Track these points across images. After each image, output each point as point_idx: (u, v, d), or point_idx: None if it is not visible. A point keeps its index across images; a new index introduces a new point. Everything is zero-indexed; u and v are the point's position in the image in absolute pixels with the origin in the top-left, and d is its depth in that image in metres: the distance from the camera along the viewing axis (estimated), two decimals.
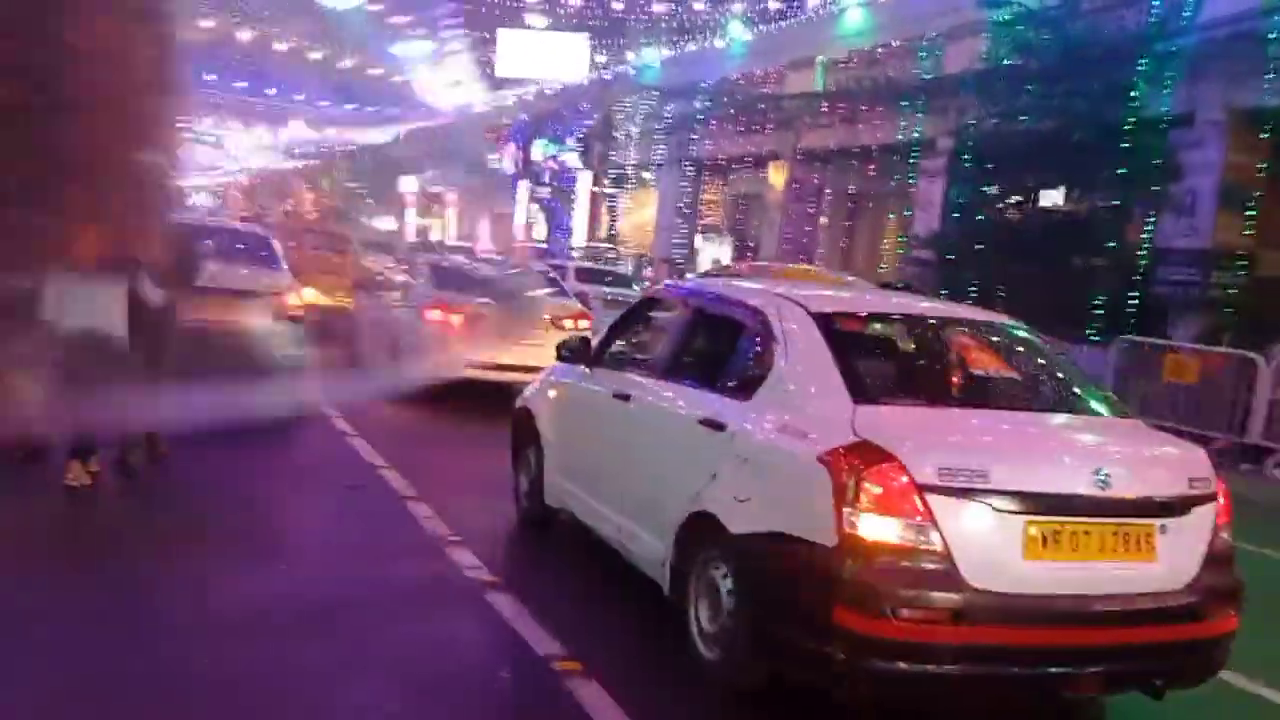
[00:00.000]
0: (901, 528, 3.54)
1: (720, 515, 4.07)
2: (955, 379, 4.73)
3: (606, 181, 36.06)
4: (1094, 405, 4.48)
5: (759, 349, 4.47)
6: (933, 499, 3.53)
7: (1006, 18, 18.97)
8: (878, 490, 3.55)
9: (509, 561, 5.72)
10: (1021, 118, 18.27)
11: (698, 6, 33.36)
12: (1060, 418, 4.44)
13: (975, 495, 3.55)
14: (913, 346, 4.94)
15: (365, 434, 8.34)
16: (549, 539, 6.09)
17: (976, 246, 18.72)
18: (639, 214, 38.24)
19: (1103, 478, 3.71)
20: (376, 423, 8.88)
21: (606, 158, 35.89)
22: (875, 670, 3.50)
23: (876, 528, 3.54)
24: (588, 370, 5.72)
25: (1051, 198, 18.36)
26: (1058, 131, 17.48)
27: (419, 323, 10.67)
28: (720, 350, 4.83)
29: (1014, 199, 18.74)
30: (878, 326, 5.00)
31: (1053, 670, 3.65)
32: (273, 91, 49.20)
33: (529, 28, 40.61)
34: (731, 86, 29.49)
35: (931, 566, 3.52)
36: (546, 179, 41.95)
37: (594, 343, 5.96)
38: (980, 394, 4.67)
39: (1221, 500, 4.00)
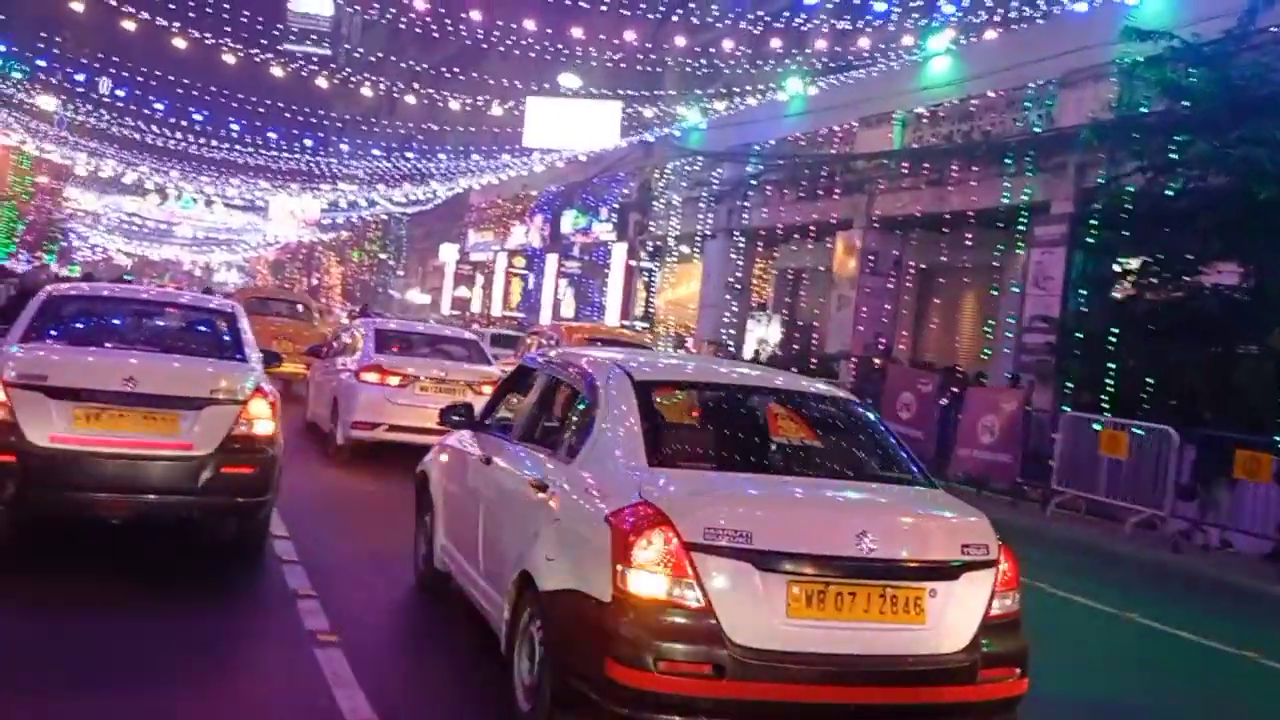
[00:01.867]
0: (668, 585, 3.80)
1: (534, 573, 4.33)
2: (754, 445, 4.97)
3: (644, 254, 32.83)
4: (897, 474, 4.77)
5: (586, 413, 4.80)
6: (699, 558, 3.79)
7: (1145, 58, 15.77)
8: (647, 549, 3.80)
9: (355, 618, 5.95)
10: (1179, 173, 14.95)
11: (735, 51, 30.34)
12: (848, 484, 4.68)
13: (739, 555, 3.79)
14: (722, 413, 5.21)
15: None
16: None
17: (1113, 330, 15.32)
18: (679, 290, 34.94)
19: (869, 541, 3.92)
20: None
21: (644, 229, 32.69)
22: None
23: (646, 584, 3.80)
24: (472, 435, 6.09)
25: (1220, 269, 14.95)
26: (1230, 190, 14.14)
27: (356, 384, 11.64)
28: (561, 414, 5.39)
29: (1168, 272, 15.35)
30: (691, 394, 5.55)
31: None
32: (308, 144, 46.55)
33: (562, 89, 37.74)
34: (790, 147, 26.28)
35: (695, 623, 3.75)
36: (576, 252, 38.88)
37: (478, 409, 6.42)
38: (773, 460, 4.96)
39: (1005, 567, 4.19)
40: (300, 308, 21.08)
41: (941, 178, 21.14)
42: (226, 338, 7.61)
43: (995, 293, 21.34)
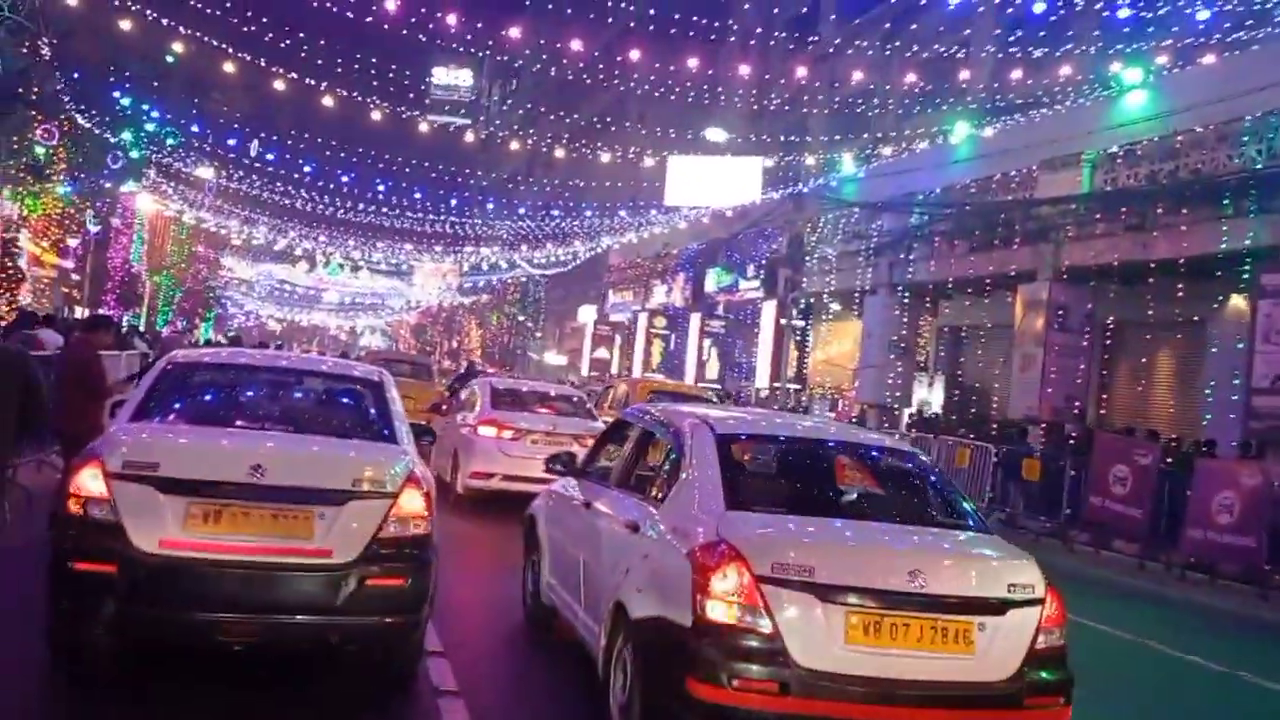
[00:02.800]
0: (741, 613, 4.30)
1: (626, 603, 4.86)
2: (820, 491, 5.56)
3: (795, 312, 31.16)
4: (953, 519, 5.23)
5: (674, 463, 5.44)
6: (769, 589, 4.28)
7: None
8: (724, 581, 4.32)
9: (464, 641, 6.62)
10: None
11: (894, 94, 28.62)
12: (905, 527, 5.08)
13: (803, 588, 4.27)
14: (793, 463, 5.86)
15: None
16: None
17: None
18: (833, 348, 33.10)
19: (922, 579, 4.38)
20: None
21: (796, 285, 31.06)
22: None
23: (722, 612, 4.31)
24: (574, 481, 6.68)
25: None
26: None
27: (474, 437, 12.44)
28: (652, 463, 6.15)
29: None
30: (766, 446, 6.11)
31: None
32: (453, 203, 46.44)
33: (705, 141, 36.62)
34: (960, 195, 24.38)
35: (764, 646, 4.24)
36: (721, 311, 37.47)
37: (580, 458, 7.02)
38: (838, 505, 5.43)
39: (1052, 606, 4.60)
40: (421, 368, 22.08)
41: (1143, 223, 18.98)
42: (373, 412, 6.28)
43: (1215, 350, 18.87)
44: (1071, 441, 19.71)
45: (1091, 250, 20.12)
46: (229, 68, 22.58)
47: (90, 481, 5.05)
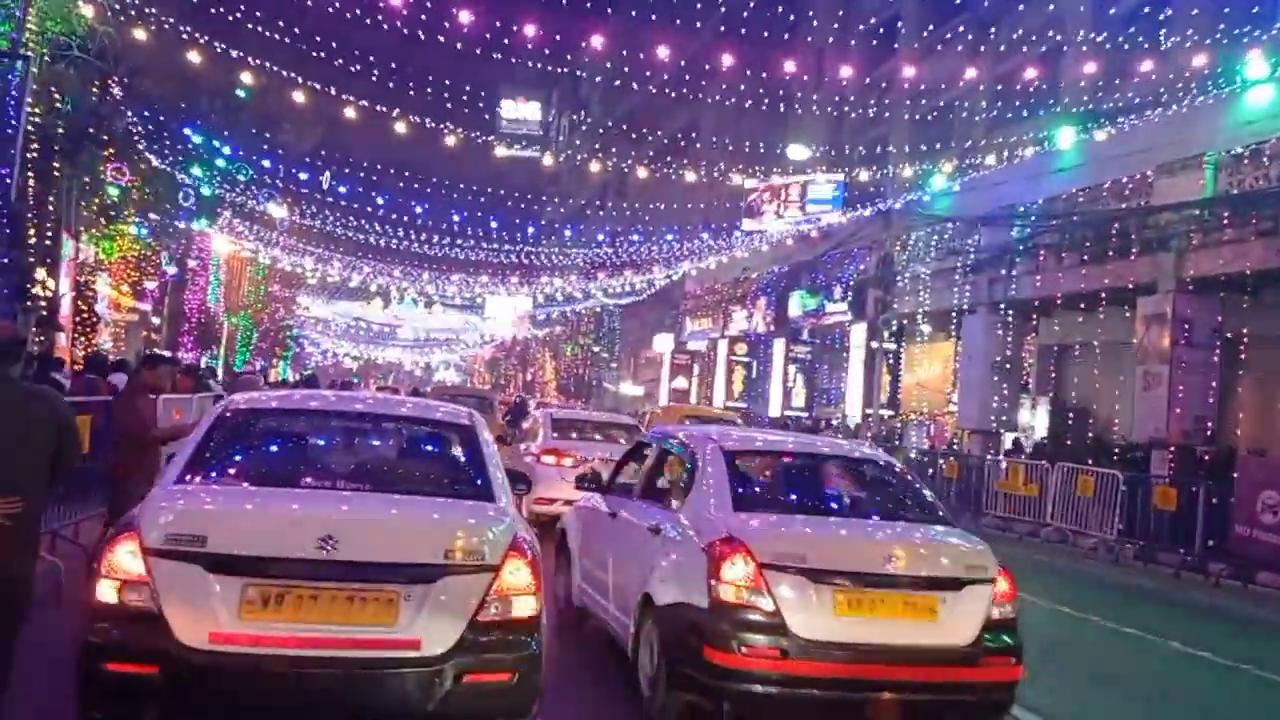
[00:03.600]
0: (747, 594, 5.28)
1: (652, 593, 5.79)
2: (812, 495, 6.62)
3: (886, 335, 29.75)
4: (921, 514, 6.26)
5: (690, 474, 6.37)
6: (769, 574, 5.30)
7: None
8: (733, 568, 5.32)
9: None
10: None
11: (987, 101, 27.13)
12: (881, 522, 6.21)
13: (798, 571, 5.30)
14: (785, 472, 6.96)
15: None
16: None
17: None
18: (926, 371, 31.59)
19: (893, 563, 5.46)
20: None
21: (886, 306, 29.67)
22: (734, 690, 5.16)
23: (732, 594, 5.29)
24: (600, 496, 7.62)
25: None
26: None
27: (536, 465, 12.96)
28: (670, 477, 7.04)
29: None
30: (765, 459, 7.12)
31: (854, 694, 5.22)
32: (530, 231, 45.45)
33: (786, 159, 35.47)
34: (1065, 205, 22.88)
35: (767, 620, 5.22)
36: (806, 336, 36.12)
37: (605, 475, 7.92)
38: (825, 505, 6.55)
39: (1004, 585, 5.62)
40: (486, 402, 22.80)
41: (1276, 227, 17.37)
42: (465, 462, 5.31)
43: None
44: (1204, 465, 18.12)
45: (1219, 259, 18.52)
46: (299, 97, 22.08)
47: (125, 559, 4.11)
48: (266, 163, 33.92)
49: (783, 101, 33.83)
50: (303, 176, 35.68)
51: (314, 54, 23.60)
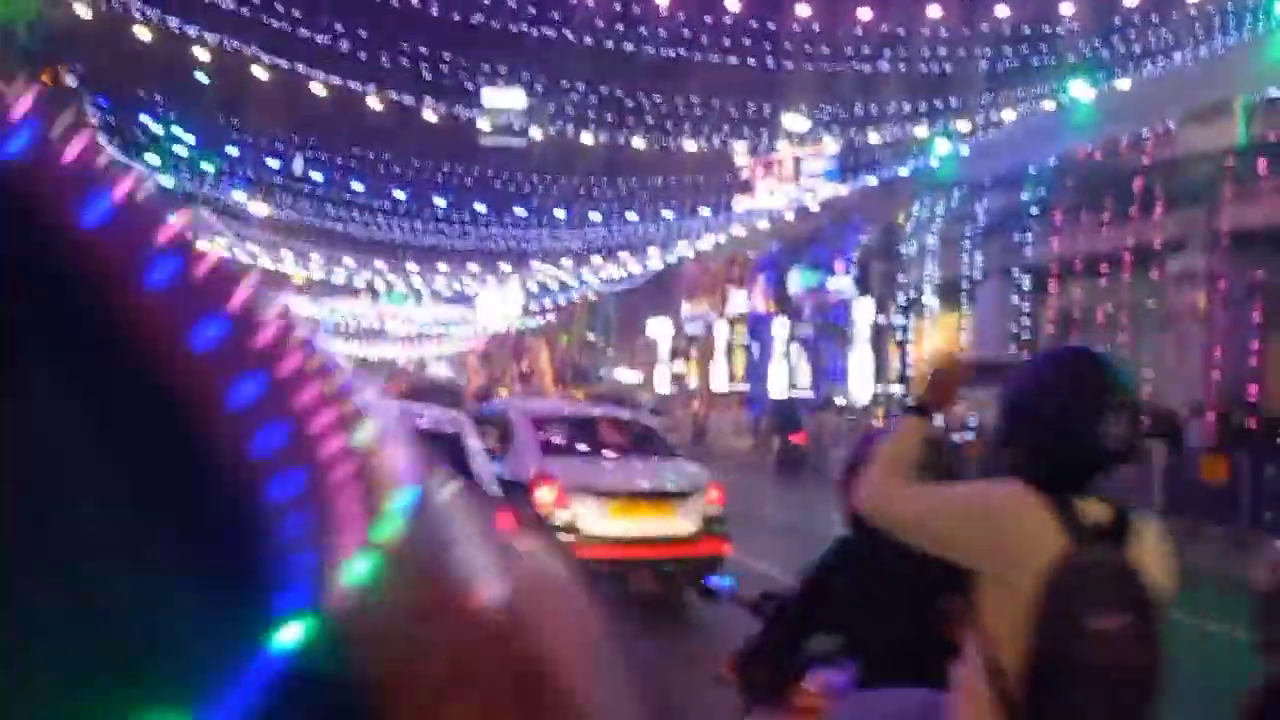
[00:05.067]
0: (558, 511, 7.96)
1: None
2: (591, 443, 9.43)
3: (894, 308, 28.50)
4: (663, 452, 9.53)
5: (510, 433, 9.02)
6: (568, 495, 8.03)
7: None
8: (548, 493, 8.02)
9: None
10: None
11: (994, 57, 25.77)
12: (636, 458, 9.21)
13: (585, 491, 8.09)
14: (573, 429, 9.78)
15: None
16: None
17: None
18: (938, 344, 30.32)
19: (644, 482, 8.66)
20: None
21: (892, 280, 28.41)
22: None
23: (545, 515, 7.84)
24: None
25: None
26: None
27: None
28: (500, 435, 9.14)
29: None
30: (561, 421, 10.09)
31: (626, 567, 7.86)
32: (520, 213, 43.28)
33: (782, 131, 34.13)
34: (1084, 163, 21.60)
35: (565, 525, 7.90)
36: (808, 314, 34.85)
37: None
38: (601, 449, 9.35)
39: (715, 493, 8.71)
40: (451, 393, 23.00)
41: None
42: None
43: None
44: (1251, 433, 16.91)
45: (1260, 211, 17.26)
46: (260, 74, 20.63)
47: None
48: (234, 150, 32.33)
49: (776, 70, 32.45)
50: (274, 164, 33.91)
51: (274, 24, 22.11)
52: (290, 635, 0.60)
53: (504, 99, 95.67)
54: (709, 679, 3.03)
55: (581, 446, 9.15)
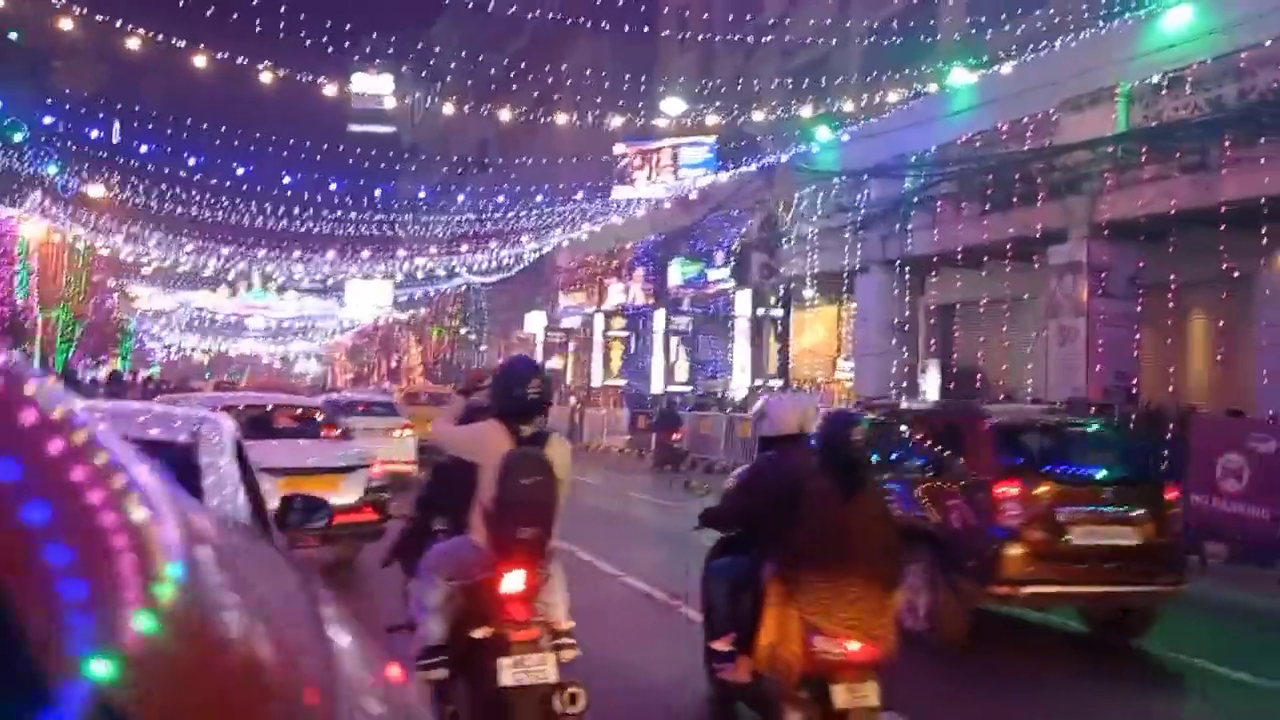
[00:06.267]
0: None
1: None
2: (267, 428, 11.00)
3: (774, 300, 27.89)
4: (339, 436, 11.68)
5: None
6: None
7: None
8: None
9: None
10: None
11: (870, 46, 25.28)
12: (301, 440, 11.12)
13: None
14: (252, 416, 11.00)
15: None
16: None
17: None
18: (814, 337, 29.91)
19: (313, 460, 10.14)
20: None
21: (773, 271, 27.78)
22: None
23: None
24: None
25: None
26: None
27: None
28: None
29: None
30: (246, 408, 11.44)
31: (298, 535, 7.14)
32: (377, 194, 40.81)
33: (656, 119, 33.17)
34: (964, 151, 21.23)
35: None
36: (688, 306, 34.07)
37: None
38: (277, 434, 11.05)
39: (378, 468, 10.46)
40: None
41: (1207, 160, 15.91)
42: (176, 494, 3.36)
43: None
44: (1130, 426, 16.65)
45: (1139, 199, 17.02)
46: (68, 28, 18.48)
47: None
48: (49, 118, 29.40)
49: (653, 55, 31.54)
50: (94, 134, 30.80)
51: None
52: (63, 695, 0.64)
53: (372, 83, 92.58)
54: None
55: (262, 430, 10.41)
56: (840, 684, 4.56)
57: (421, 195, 41.70)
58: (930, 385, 25.56)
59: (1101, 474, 8.24)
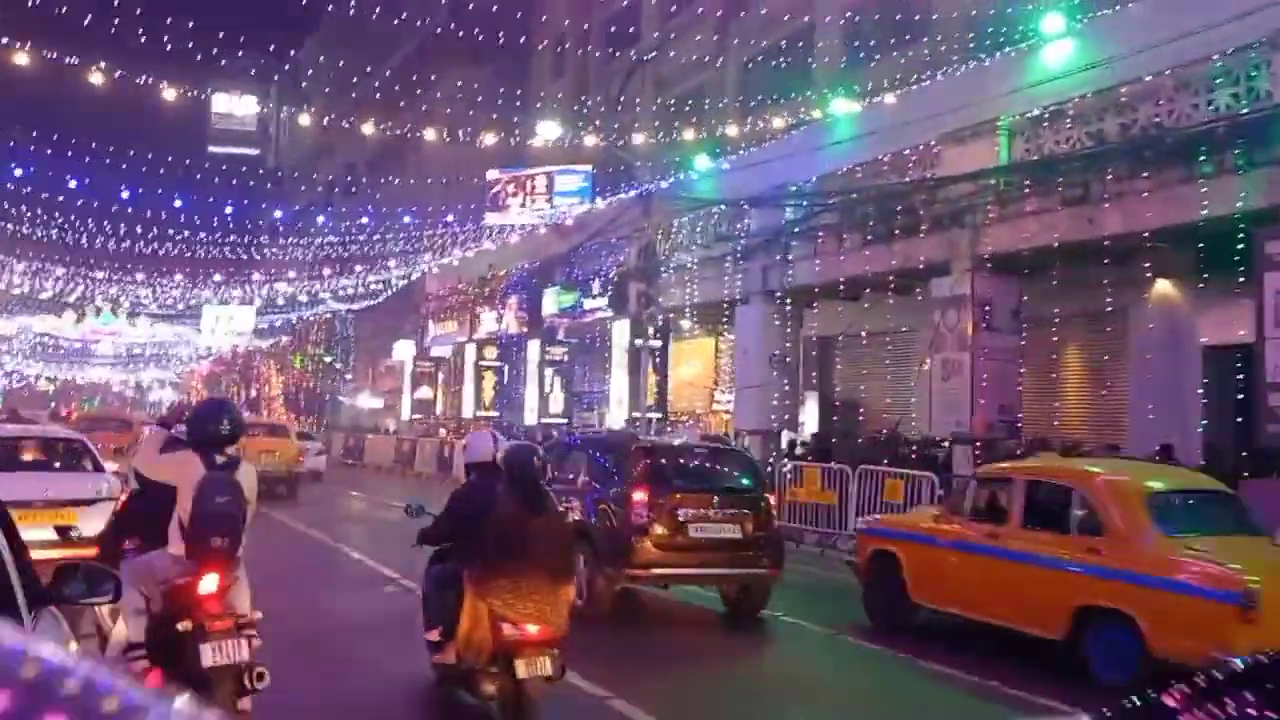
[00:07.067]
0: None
1: None
2: (15, 460, 11.37)
3: (652, 331, 27.17)
4: (77, 467, 11.57)
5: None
6: None
7: None
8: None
9: None
10: None
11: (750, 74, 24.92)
12: (50, 472, 11.33)
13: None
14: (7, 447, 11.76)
15: None
16: None
17: None
18: (691, 369, 29.33)
19: (50, 494, 10.31)
20: None
21: (651, 301, 27.06)
22: None
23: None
24: None
25: None
26: None
27: None
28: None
29: None
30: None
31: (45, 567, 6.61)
32: (228, 211, 38.18)
33: (529, 147, 32.23)
34: (843, 182, 20.94)
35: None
36: (561, 336, 33.10)
37: None
38: (25, 465, 11.30)
39: (121, 499, 8.17)
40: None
41: (1088, 194, 15.83)
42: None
43: (1205, 340, 15.85)
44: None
45: (1022, 232, 16.87)
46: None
47: None
48: None
49: (528, 78, 30.68)
50: None
51: None
52: None
53: (235, 106, 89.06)
54: None
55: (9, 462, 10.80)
56: (521, 659, 5.80)
57: (278, 215, 39.57)
58: (809, 418, 25.22)
59: (716, 485, 10.52)
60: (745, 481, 10.90)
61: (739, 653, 9.49)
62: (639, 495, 9.86)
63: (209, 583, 5.23)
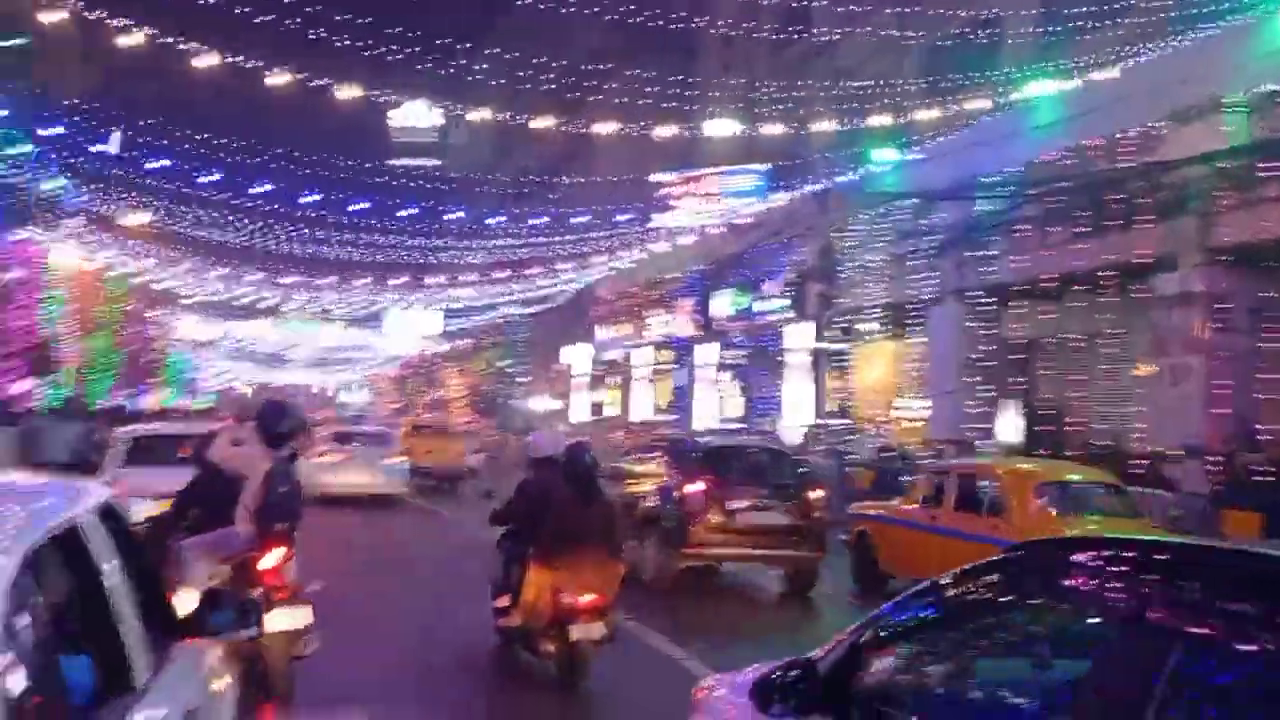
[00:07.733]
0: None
1: None
2: (163, 454, 10.90)
3: (832, 333, 25.89)
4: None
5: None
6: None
7: None
8: (119, 487, 8.93)
9: None
10: None
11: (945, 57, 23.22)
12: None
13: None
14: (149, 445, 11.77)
15: None
16: None
17: None
18: (874, 374, 27.79)
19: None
20: None
21: (830, 302, 25.80)
22: None
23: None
24: None
25: None
26: None
27: None
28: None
29: None
30: (150, 438, 12.20)
31: None
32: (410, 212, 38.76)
33: (705, 145, 31.31)
34: (1050, 170, 19.18)
35: None
36: (738, 339, 32.09)
37: None
38: (173, 460, 10.34)
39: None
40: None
41: None
42: None
43: None
44: (1257, 478, 14.45)
45: (1262, 221, 14.89)
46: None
47: None
48: (59, 129, 27.83)
49: (695, 78, 29.85)
50: (105, 149, 29.04)
51: None
52: None
53: (413, 117, 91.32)
54: None
55: (150, 458, 11.06)
56: (575, 624, 6.92)
57: (459, 216, 39.98)
58: (1007, 428, 23.26)
59: (764, 479, 12.13)
60: (791, 477, 12.43)
61: (787, 619, 11.08)
62: (694, 488, 11.52)
63: (272, 558, 6.02)
